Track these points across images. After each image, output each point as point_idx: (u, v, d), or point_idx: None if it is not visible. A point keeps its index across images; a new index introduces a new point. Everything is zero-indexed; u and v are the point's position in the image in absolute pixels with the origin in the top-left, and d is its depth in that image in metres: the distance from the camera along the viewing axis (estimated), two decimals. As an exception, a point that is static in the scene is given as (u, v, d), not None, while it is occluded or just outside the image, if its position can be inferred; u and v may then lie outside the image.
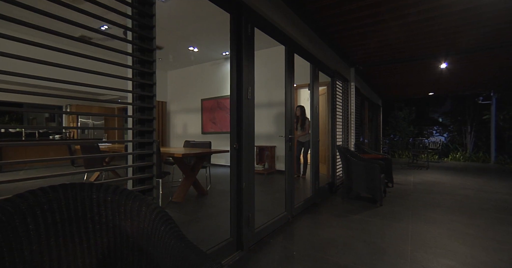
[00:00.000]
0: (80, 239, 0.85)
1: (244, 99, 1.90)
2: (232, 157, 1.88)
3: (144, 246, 0.91)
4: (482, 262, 1.77)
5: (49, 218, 0.78)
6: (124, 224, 0.94)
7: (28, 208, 0.73)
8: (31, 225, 0.73)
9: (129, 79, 1.17)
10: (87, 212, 0.89)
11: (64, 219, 0.82)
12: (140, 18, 1.17)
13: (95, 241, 0.88)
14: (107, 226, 0.92)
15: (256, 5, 1.98)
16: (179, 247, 0.86)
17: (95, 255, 0.87)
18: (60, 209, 0.82)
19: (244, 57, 1.89)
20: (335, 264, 1.74)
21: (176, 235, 0.90)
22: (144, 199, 0.99)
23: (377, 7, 2.64)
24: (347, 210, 2.97)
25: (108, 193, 0.96)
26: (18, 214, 0.70)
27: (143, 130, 1.21)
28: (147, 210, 0.97)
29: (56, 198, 0.82)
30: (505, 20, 2.91)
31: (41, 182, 4.12)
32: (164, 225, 0.93)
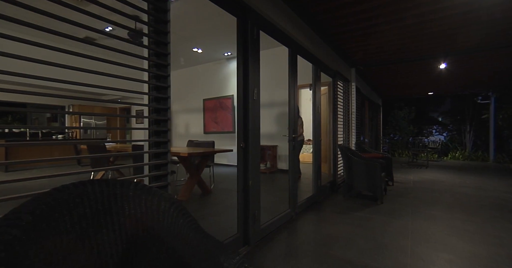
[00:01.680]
0: (107, 230, 0.92)
1: (250, 100, 1.97)
2: (239, 156, 1.95)
3: (164, 237, 0.98)
4: (479, 256, 1.85)
5: (81, 210, 0.85)
6: (145, 217, 1.01)
7: (63, 201, 0.81)
8: (67, 216, 0.80)
9: (146, 82, 1.24)
10: (112, 206, 0.96)
11: (93, 212, 0.89)
12: (155, 25, 1.24)
13: (120, 232, 0.95)
14: (130, 218, 0.99)
15: (262, 9, 2.05)
16: (198, 238, 0.93)
17: (121, 245, 0.94)
18: (90, 202, 0.89)
19: (250, 59, 1.96)
20: (338, 258, 1.81)
21: (194, 227, 0.97)
22: (162, 194, 1.06)
23: (377, 10, 2.71)
24: (349, 208, 3.04)
25: (130, 189, 1.03)
26: (57, 206, 0.78)
27: (158, 130, 1.28)
28: (166, 204, 1.04)
29: (86, 192, 0.89)
30: (502, 22, 2.98)
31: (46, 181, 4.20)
32: (182, 218, 1.00)
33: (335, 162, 4.08)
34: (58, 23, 0.97)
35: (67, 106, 9.05)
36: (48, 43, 0.94)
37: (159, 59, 1.26)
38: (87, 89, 6.42)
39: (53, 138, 8.12)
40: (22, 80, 4.88)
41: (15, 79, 4.89)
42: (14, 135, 7.43)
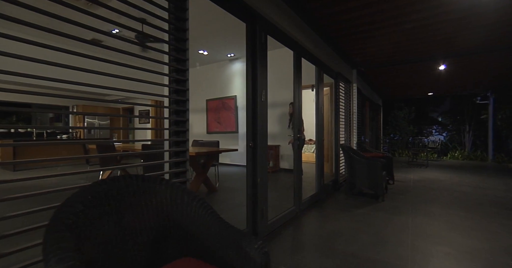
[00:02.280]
0: (139, 220, 1.02)
1: (258, 101, 2.07)
2: (248, 154, 2.05)
3: (187, 226, 1.09)
4: (476, 249, 1.95)
5: (116, 201, 0.96)
6: (170, 209, 1.11)
7: (104, 193, 0.91)
8: (106, 206, 0.91)
9: (166, 85, 1.35)
10: (141, 199, 1.07)
11: (126, 203, 1.00)
12: (176, 33, 1.35)
13: (149, 222, 1.06)
14: (157, 210, 1.09)
15: (269, 14, 2.15)
16: (220, 227, 1.03)
17: (151, 232, 1.04)
18: (123, 195, 1.00)
19: (259, 63, 2.06)
20: (342, 252, 1.92)
21: (216, 218, 1.07)
22: (184, 189, 1.17)
23: (378, 15, 2.81)
24: (351, 205, 3.14)
25: (156, 184, 1.13)
26: (99, 197, 0.88)
27: (178, 130, 1.38)
28: (188, 198, 1.14)
29: (120, 186, 1.00)
30: (500, 26, 3.08)
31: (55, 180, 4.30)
32: (204, 210, 1.10)
33: (337, 161, 4.18)
34: (69, 26, 0.99)
35: (71, 106, 9.16)
36: (56, 44, 0.98)
37: (179, 65, 1.36)
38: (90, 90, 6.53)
39: (57, 138, 8.22)
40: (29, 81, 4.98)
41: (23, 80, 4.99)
42: (20, 134, 7.53)
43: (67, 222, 0.74)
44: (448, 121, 11.59)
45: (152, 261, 1.05)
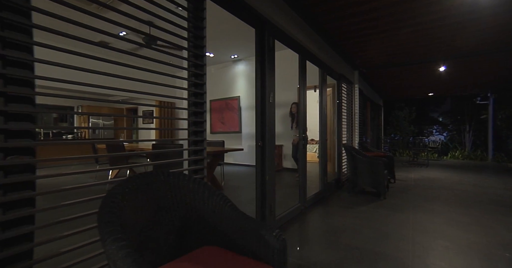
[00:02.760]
0: (166, 211, 1.13)
1: (267, 103, 2.18)
2: (257, 153, 2.16)
3: (209, 217, 1.20)
4: (474, 243, 2.06)
5: (148, 194, 1.07)
6: (193, 202, 1.22)
7: (138, 186, 1.02)
8: (141, 198, 1.02)
9: (185, 89, 1.46)
10: (166, 193, 1.17)
11: (156, 196, 1.11)
12: (194, 40, 1.46)
13: (175, 213, 1.17)
14: (181, 203, 1.20)
15: (277, 20, 2.26)
16: (239, 218, 1.14)
17: (177, 222, 1.15)
18: (152, 189, 1.11)
19: (267, 66, 2.17)
20: (346, 245, 2.02)
21: (234, 210, 1.18)
22: (205, 184, 1.28)
23: (379, 19, 2.92)
24: (354, 203, 3.25)
25: (180, 179, 1.24)
26: (135, 189, 0.99)
27: (196, 130, 1.49)
28: (209, 192, 1.25)
29: (151, 181, 1.11)
30: (499, 29, 3.18)
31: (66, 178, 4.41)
32: (224, 203, 1.21)
33: (339, 160, 4.29)
34: (84, 30, 1.03)
35: (76, 107, 9.28)
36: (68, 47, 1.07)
37: (197, 70, 1.47)
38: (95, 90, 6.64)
39: (63, 138, 8.34)
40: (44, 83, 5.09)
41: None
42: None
43: (112, 210, 0.85)
44: (448, 121, 11.68)
45: (178, 249, 1.16)
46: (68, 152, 7.05)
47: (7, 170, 0.77)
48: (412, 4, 2.57)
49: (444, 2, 2.50)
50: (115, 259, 0.72)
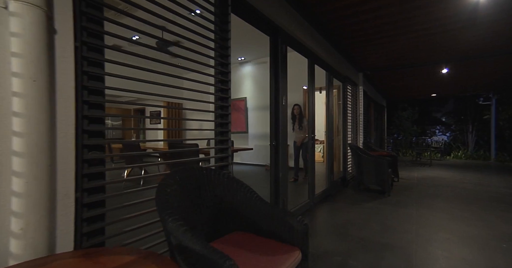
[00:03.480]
0: (201, 200, 1.31)
1: (280, 105, 2.35)
2: (271, 152, 2.33)
3: (238, 207, 1.37)
4: (473, 235, 2.21)
5: (189, 184, 1.25)
6: (223, 194, 1.40)
7: (182, 178, 1.20)
8: (183, 189, 1.20)
9: (212, 94, 1.63)
10: (201, 185, 1.35)
11: (195, 186, 1.29)
12: (220, 50, 1.63)
13: (208, 203, 1.35)
14: (213, 195, 1.38)
15: (289, 28, 2.43)
16: (265, 208, 1.31)
17: (211, 210, 1.33)
18: (191, 181, 1.28)
19: (280, 71, 2.34)
20: (355, 236, 2.19)
21: (260, 200, 1.35)
22: (233, 178, 1.45)
23: (385, 26, 3.08)
24: (359, 199, 3.41)
25: (211, 174, 1.42)
26: (179, 180, 1.17)
27: (222, 131, 1.67)
28: (237, 185, 1.43)
29: (191, 174, 1.28)
30: (496, 35, 3.32)
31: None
32: (250, 195, 1.39)
33: (345, 159, 4.45)
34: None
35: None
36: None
37: (222, 76, 1.65)
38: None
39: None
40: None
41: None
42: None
43: (166, 197, 1.03)
44: (451, 121, 11.77)
45: (212, 233, 1.33)
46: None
47: (89, 163, 0.95)
48: (416, 13, 2.73)
49: (446, 11, 2.66)
50: (176, 234, 0.89)
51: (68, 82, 0.88)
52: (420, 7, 2.60)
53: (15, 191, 0.71)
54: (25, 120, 0.72)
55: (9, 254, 0.71)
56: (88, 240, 0.95)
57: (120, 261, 0.70)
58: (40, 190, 0.74)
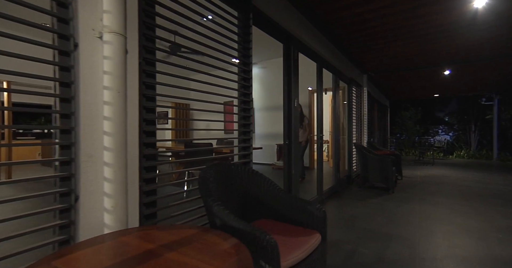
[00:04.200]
0: (231, 192, 1.51)
1: (292, 107, 2.54)
2: (284, 150, 2.53)
3: (262, 198, 1.57)
4: (472, 227, 2.39)
5: (222, 177, 1.45)
6: (250, 186, 1.60)
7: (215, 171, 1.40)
8: (219, 180, 1.39)
9: (236, 98, 1.83)
10: (231, 178, 1.55)
11: (227, 178, 1.48)
12: (243, 59, 1.83)
13: (237, 194, 1.54)
14: (240, 186, 1.58)
15: (300, 35, 2.62)
16: (287, 198, 1.51)
17: (238, 201, 1.53)
18: (223, 174, 1.48)
19: (293, 76, 2.53)
20: (363, 228, 2.38)
21: (282, 192, 1.55)
22: (256, 173, 1.65)
23: (389, 31, 3.26)
24: (365, 196, 3.60)
25: (239, 169, 1.61)
26: (213, 173, 1.37)
27: (245, 131, 1.86)
28: (260, 179, 1.62)
29: (224, 169, 1.48)
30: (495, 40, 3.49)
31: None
32: (272, 187, 1.58)
33: (350, 158, 4.63)
34: None
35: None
36: None
37: (245, 82, 1.85)
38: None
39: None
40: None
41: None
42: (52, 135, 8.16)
43: (207, 187, 1.23)
44: (454, 121, 11.87)
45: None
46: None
47: (147, 158, 1.15)
48: (419, 20, 2.90)
49: (447, 18, 2.83)
50: (221, 216, 1.09)
51: (134, 91, 1.08)
52: (424, 15, 2.77)
53: (106, 177, 0.92)
54: (112, 123, 0.92)
55: (104, 225, 0.91)
56: (145, 222, 1.15)
57: (189, 232, 0.90)
58: (122, 178, 0.95)
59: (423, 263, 1.74)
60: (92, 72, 0.92)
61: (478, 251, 1.91)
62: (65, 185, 0.87)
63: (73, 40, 0.88)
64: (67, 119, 0.88)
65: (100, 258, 0.72)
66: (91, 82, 0.91)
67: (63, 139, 0.88)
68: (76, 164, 0.88)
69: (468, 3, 2.44)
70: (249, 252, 0.77)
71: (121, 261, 0.69)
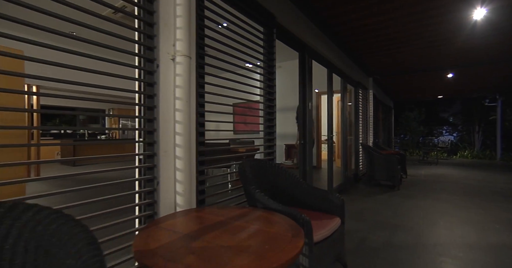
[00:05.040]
0: (261, 183, 1.77)
1: (307, 110, 2.80)
2: (300, 149, 2.78)
3: (288, 189, 1.82)
4: (472, 219, 2.62)
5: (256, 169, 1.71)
6: (277, 179, 1.85)
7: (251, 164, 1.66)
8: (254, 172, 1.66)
9: (262, 103, 2.09)
10: (262, 171, 1.81)
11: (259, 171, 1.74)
12: (268, 68, 2.09)
13: (266, 185, 1.80)
14: (269, 178, 1.83)
15: (313, 44, 2.88)
16: (310, 189, 1.76)
17: (267, 192, 1.79)
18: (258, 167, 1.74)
19: (307, 82, 2.79)
20: (371, 220, 2.62)
21: (305, 184, 1.80)
22: (282, 168, 1.91)
23: (395, 39, 3.50)
24: (372, 192, 3.83)
25: (267, 164, 1.87)
26: (251, 165, 1.63)
27: (270, 132, 2.12)
28: (285, 172, 1.88)
29: (257, 163, 1.74)
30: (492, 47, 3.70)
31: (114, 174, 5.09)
32: (296, 180, 1.84)
33: (357, 157, 4.86)
34: None
35: (107, 109, 10.11)
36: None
37: (270, 89, 2.11)
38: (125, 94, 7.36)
39: (97, 138, 9.16)
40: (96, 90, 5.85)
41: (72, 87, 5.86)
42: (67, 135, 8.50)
43: (247, 177, 1.49)
44: (459, 121, 12.01)
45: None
46: (102, 151, 7.82)
47: (200, 153, 1.42)
48: (422, 29, 3.14)
49: (449, 28, 3.06)
50: (263, 200, 1.35)
51: (195, 100, 1.35)
52: (429, 24, 3.01)
53: (178, 168, 1.18)
54: (182, 126, 1.19)
55: (177, 205, 1.17)
56: (199, 206, 1.41)
57: (243, 210, 1.16)
58: (189, 168, 1.21)
59: (426, 248, 1.98)
60: (167, 86, 1.18)
61: (476, 239, 2.14)
62: (150, 173, 1.14)
63: (156, 63, 1.15)
64: (150, 123, 1.15)
65: (189, 224, 0.98)
66: (166, 94, 1.18)
67: (148, 138, 1.15)
68: (157, 157, 1.15)
69: (468, 16, 2.68)
70: (294, 221, 1.02)
71: (205, 226, 0.95)
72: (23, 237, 0.64)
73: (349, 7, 2.67)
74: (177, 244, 0.80)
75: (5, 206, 0.66)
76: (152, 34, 1.14)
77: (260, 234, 0.90)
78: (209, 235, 0.86)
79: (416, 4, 2.53)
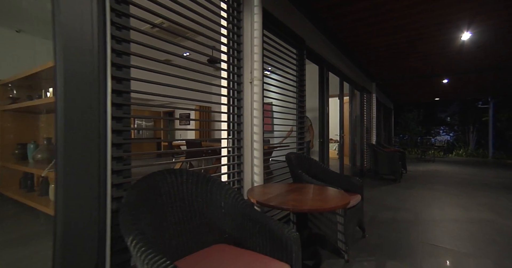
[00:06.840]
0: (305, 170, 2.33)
1: (325, 113, 3.36)
2: (319, 147, 3.35)
3: (318, 174, 2.38)
4: (460, 203, 3.20)
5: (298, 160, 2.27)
6: (309, 166, 2.41)
7: (294, 156, 2.22)
8: (296, 161, 2.22)
9: (294, 109, 2.66)
10: (301, 163, 2.36)
11: (299, 162, 2.31)
12: (300, 82, 2.66)
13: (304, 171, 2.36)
14: (305, 167, 2.39)
15: (329, 57, 3.45)
16: (335, 174, 2.32)
17: (306, 177, 2.35)
18: (299, 159, 2.30)
19: (325, 91, 3.35)
20: (378, 204, 3.19)
21: (329, 170, 2.36)
22: (311, 158, 2.47)
23: (396, 50, 4.07)
24: (377, 184, 4.41)
25: (303, 156, 2.43)
26: (293, 156, 2.20)
27: (300, 131, 2.69)
28: (315, 162, 2.44)
29: (297, 156, 2.30)
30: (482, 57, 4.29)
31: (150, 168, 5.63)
32: (325, 168, 2.40)
33: (362, 154, 5.44)
34: None
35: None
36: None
37: (301, 102, 2.67)
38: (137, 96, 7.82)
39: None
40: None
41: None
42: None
43: (293, 161, 2.04)
44: (456, 122, 12.64)
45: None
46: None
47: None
48: (419, 42, 3.71)
49: (441, 45, 3.64)
50: (305, 178, 1.90)
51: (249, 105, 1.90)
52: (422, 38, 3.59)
53: (255, 156, 1.74)
54: (258, 128, 1.75)
55: (254, 181, 1.73)
56: (262, 184, 1.97)
57: (311, 185, 1.73)
58: (261, 157, 1.77)
59: (425, 222, 2.56)
60: (247, 101, 1.74)
61: (462, 216, 2.72)
62: (239, 159, 1.70)
63: (242, 84, 1.71)
64: (239, 125, 1.71)
65: (273, 190, 1.54)
66: (247, 106, 1.74)
67: (237, 136, 1.71)
68: (243, 149, 1.71)
69: (457, 38, 3.27)
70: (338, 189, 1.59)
71: (285, 190, 1.51)
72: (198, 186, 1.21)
73: (361, 30, 3.25)
74: (278, 196, 1.36)
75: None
76: (240, 66, 1.70)
77: (322, 193, 1.47)
78: (292, 195, 1.42)
79: (414, 29, 3.12)
